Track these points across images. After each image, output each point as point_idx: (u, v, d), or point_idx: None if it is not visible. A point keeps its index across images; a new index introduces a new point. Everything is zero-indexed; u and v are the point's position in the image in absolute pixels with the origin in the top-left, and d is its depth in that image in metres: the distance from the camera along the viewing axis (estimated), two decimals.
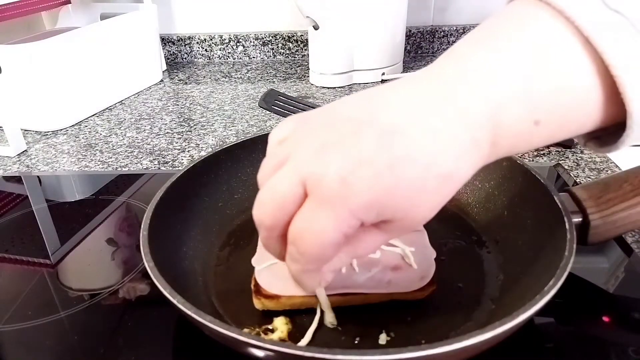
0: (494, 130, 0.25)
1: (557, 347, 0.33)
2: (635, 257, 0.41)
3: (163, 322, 0.36)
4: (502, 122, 0.25)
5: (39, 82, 0.71)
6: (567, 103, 0.25)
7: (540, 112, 0.25)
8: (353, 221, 0.25)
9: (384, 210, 0.25)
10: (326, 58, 0.85)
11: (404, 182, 0.24)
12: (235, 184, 0.49)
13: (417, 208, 0.26)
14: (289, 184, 0.26)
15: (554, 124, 0.26)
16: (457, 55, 0.27)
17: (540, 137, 0.27)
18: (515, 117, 0.25)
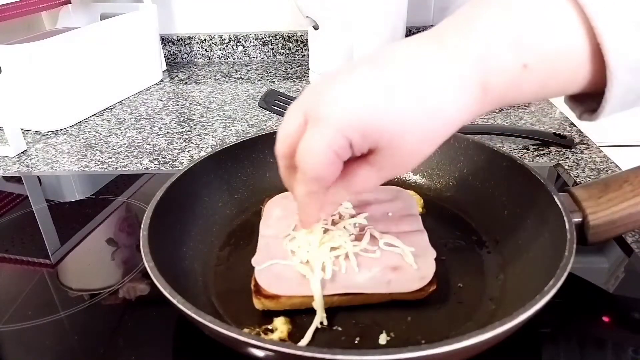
0: (483, 72, 0.27)
1: (557, 347, 0.33)
2: (635, 257, 0.41)
3: (163, 322, 0.36)
4: (491, 63, 0.27)
5: (39, 82, 0.71)
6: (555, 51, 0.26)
7: (528, 56, 0.26)
8: (342, 140, 0.27)
9: (370, 132, 0.27)
10: (326, 58, 0.85)
11: (389, 107, 0.27)
12: (235, 184, 0.49)
13: (403, 136, 0.27)
14: (292, 116, 0.30)
15: (543, 71, 0.27)
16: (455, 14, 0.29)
17: (530, 84, 0.27)
18: (503, 59, 0.26)
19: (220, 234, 0.44)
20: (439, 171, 0.49)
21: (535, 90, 0.28)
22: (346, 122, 0.27)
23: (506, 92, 0.28)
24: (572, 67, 0.26)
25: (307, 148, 0.28)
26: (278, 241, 0.40)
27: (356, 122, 0.27)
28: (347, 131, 0.27)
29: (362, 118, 0.27)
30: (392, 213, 0.42)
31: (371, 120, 0.27)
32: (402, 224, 0.41)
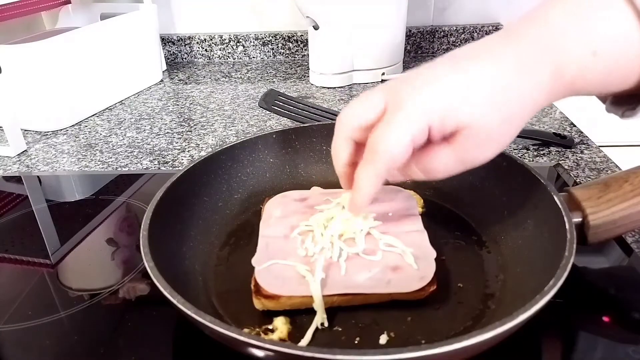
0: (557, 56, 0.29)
1: (557, 347, 0.33)
2: (635, 257, 0.41)
3: (163, 322, 0.36)
4: (564, 49, 0.29)
5: (39, 82, 0.71)
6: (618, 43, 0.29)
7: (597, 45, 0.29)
8: (421, 124, 0.29)
9: (448, 116, 0.29)
10: (326, 58, 0.85)
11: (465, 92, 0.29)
12: (235, 184, 0.49)
13: (480, 118, 0.29)
14: (373, 98, 0.32)
15: (608, 61, 0.29)
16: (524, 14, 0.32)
17: (596, 74, 0.30)
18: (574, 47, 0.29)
19: (220, 234, 0.44)
20: None
21: (600, 80, 0.30)
22: (424, 108, 0.29)
23: (576, 79, 0.30)
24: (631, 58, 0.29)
25: (387, 132, 0.30)
26: (278, 241, 0.40)
27: (434, 107, 0.29)
28: (425, 116, 0.29)
29: (439, 103, 0.29)
30: (392, 213, 0.42)
31: (449, 105, 0.29)
32: (402, 224, 0.41)
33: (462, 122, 0.29)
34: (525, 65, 0.29)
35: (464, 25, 1.00)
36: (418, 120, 0.29)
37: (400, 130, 0.30)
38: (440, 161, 0.32)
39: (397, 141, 0.30)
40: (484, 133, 0.30)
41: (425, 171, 0.33)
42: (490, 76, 0.29)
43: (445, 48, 1.02)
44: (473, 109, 0.29)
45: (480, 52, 0.31)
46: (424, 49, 1.03)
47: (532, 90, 0.30)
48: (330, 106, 0.77)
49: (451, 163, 0.31)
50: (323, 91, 0.85)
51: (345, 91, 0.85)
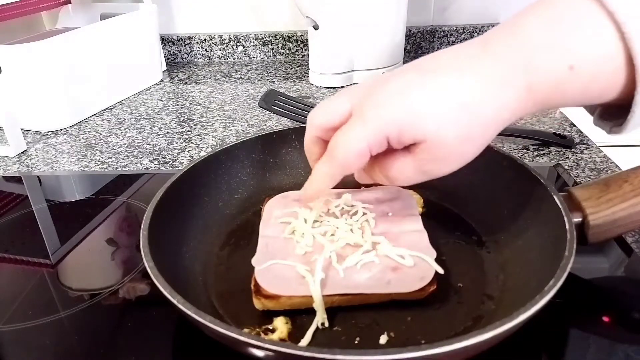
0: (529, 73, 0.28)
1: (557, 347, 0.33)
2: (635, 257, 0.41)
3: (163, 322, 0.36)
4: (537, 64, 0.28)
5: (39, 82, 0.71)
6: (597, 55, 0.28)
7: (574, 58, 0.28)
8: (378, 135, 0.30)
9: (405, 128, 0.29)
10: (326, 58, 0.85)
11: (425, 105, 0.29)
12: (235, 184, 0.49)
13: (441, 131, 0.29)
14: (340, 102, 0.33)
15: (586, 74, 0.28)
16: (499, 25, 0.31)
17: (574, 88, 0.28)
18: (550, 61, 0.28)
19: (220, 234, 0.44)
20: None
21: (578, 94, 0.29)
22: (383, 120, 0.30)
23: (550, 94, 0.29)
24: (610, 71, 0.28)
25: (345, 138, 0.31)
26: (278, 241, 0.40)
27: (393, 119, 0.29)
28: (383, 127, 0.30)
29: (398, 116, 0.29)
30: (392, 213, 0.42)
31: (407, 119, 0.29)
32: (403, 223, 0.41)
33: (419, 137, 0.29)
34: (493, 84, 0.29)
35: (464, 25, 1.00)
36: (375, 131, 0.30)
37: (356, 138, 0.30)
38: (400, 169, 0.32)
39: (353, 148, 0.31)
40: (443, 149, 0.30)
41: (387, 177, 0.33)
42: (454, 93, 0.29)
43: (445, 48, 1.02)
44: (431, 125, 0.29)
45: (449, 64, 0.30)
46: (424, 49, 1.03)
47: (498, 109, 0.29)
48: None
49: (411, 172, 0.32)
50: (323, 91, 0.85)
51: None
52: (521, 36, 0.29)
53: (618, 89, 0.28)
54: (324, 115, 0.34)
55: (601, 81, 0.28)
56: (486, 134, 0.30)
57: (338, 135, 0.32)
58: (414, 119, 0.29)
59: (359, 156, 0.31)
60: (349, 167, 0.32)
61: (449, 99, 0.29)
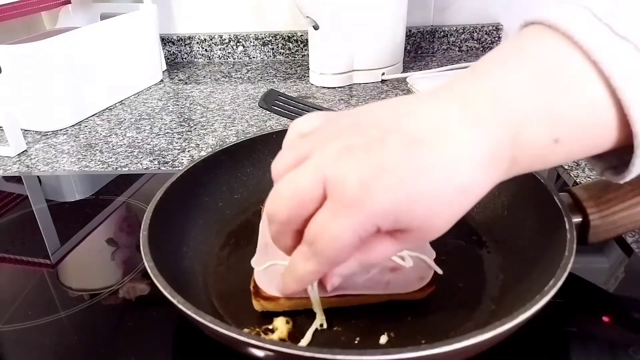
0: (515, 147, 0.26)
1: (557, 347, 0.33)
2: (635, 257, 0.41)
3: (163, 322, 0.36)
4: (524, 139, 0.26)
5: (39, 82, 0.71)
6: (585, 124, 0.26)
7: (560, 131, 0.26)
8: (370, 226, 0.26)
9: (401, 218, 0.26)
10: (326, 58, 0.85)
11: (424, 191, 0.25)
12: (235, 184, 0.49)
13: (434, 219, 0.26)
14: (310, 182, 0.26)
15: (572, 144, 0.26)
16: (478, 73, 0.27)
17: (558, 156, 0.27)
18: (536, 135, 0.26)
19: (220, 234, 0.44)
20: None
21: (561, 160, 0.27)
22: (379, 211, 0.25)
23: (533, 164, 0.27)
24: (599, 135, 0.26)
25: (328, 232, 0.26)
26: None
27: (389, 211, 0.25)
28: (377, 219, 0.25)
29: (394, 206, 0.25)
30: None
31: (403, 208, 0.25)
32: None
33: (415, 225, 0.26)
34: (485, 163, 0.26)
35: (464, 25, 1.00)
36: (366, 221, 0.25)
37: (347, 234, 0.25)
38: (383, 252, 0.28)
39: (343, 245, 0.26)
40: (432, 232, 0.27)
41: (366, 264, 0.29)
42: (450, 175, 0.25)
43: (445, 48, 1.02)
44: (429, 213, 0.26)
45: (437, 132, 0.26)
46: (424, 49, 1.03)
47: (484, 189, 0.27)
48: (330, 106, 0.77)
49: (390, 252, 0.28)
50: (323, 91, 0.85)
51: (345, 91, 0.85)
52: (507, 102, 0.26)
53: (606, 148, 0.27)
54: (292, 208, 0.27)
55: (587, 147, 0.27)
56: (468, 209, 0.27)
57: (321, 229, 0.26)
58: (410, 209, 0.25)
59: (349, 251, 0.26)
60: (337, 264, 0.28)
61: (446, 184, 0.25)
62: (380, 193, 0.25)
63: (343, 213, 0.25)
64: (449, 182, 0.25)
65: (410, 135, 0.26)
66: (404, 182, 0.25)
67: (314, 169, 0.26)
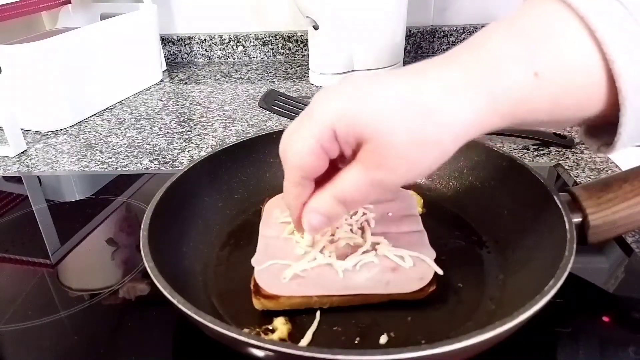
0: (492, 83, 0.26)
1: (557, 347, 0.33)
2: (635, 257, 0.41)
3: (163, 322, 0.36)
4: (500, 72, 0.26)
5: (39, 82, 0.71)
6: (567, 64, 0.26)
7: (539, 65, 0.26)
8: (325, 127, 0.28)
9: (353, 121, 0.27)
10: (326, 58, 0.85)
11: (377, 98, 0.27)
12: (235, 184, 0.49)
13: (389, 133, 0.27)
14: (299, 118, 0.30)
15: (554, 83, 0.26)
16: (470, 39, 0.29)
17: (542, 98, 0.26)
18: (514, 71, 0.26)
19: (220, 234, 0.44)
20: (439, 171, 0.49)
21: (548, 106, 0.27)
22: (330, 112, 0.28)
23: (517, 105, 0.27)
24: (584, 84, 0.26)
25: (293, 138, 0.29)
26: (278, 241, 0.40)
27: (341, 111, 0.28)
28: (330, 119, 0.28)
29: (348, 109, 0.27)
30: (392, 213, 0.42)
31: (357, 112, 0.27)
32: (402, 224, 0.41)
33: (367, 132, 0.27)
34: (453, 90, 0.26)
35: (464, 25, 1.00)
36: (321, 123, 0.28)
37: (305, 137, 0.28)
38: (352, 182, 0.29)
39: (303, 147, 0.28)
40: (391, 150, 0.27)
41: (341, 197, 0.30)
42: (410, 93, 0.27)
43: (445, 48, 1.02)
44: (381, 121, 0.27)
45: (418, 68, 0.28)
46: (424, 49, 1.03)
47: (456, 117, 0.26)
48: None
49: (361, 183, 0.29)
50: None
51: None
52: (487, 46, 0.27)
53: (598, 106, 0.26)
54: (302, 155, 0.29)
55: (571, 95, 0.26)
56: (442, 143, 0.27)
57: (285, 138, 0.30)
58: (365, 113, 0.27)
59: (312, 155, 0.28)
60: (305, 168, 0.29)
61: (405, 98, 0.27)
62: (336, 100, 0.28)
63: (303, 123, 0.29)
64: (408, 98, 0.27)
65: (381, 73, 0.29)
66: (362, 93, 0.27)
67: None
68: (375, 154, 0.27)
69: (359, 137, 0.27)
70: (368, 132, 0.27)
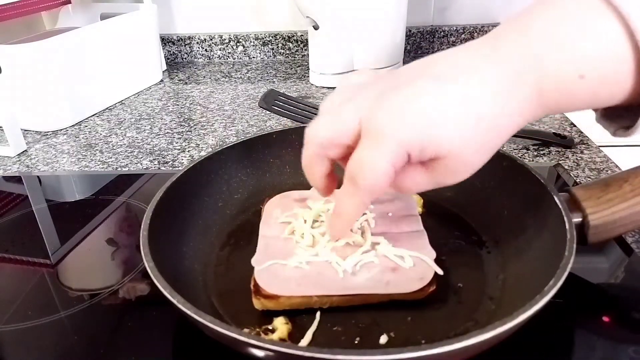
0: (539, 79, 0.28)
1: (557, 347, 0.33)
2: (635, 257, 0.41)
3: (163, 322, 0.36)
4: (548, 70, 0.28)
5: (39, 82, 0.71)
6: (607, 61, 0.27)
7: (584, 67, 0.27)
8: (401, 154, 0.28)
9: (427, 143, 0.28)
10: (326, 58, 0.85)
11: (448, 122, 0.28)
12: (235, 184, 0.49)
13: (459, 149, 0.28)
14: (350, 117, 0.30)
15: (596, 80, 0.28)
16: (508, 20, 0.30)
17: (583, 93, 0.28)
18: (560, 69, 0.28)
19: (220, 234, 0.44)
20: None
21: (587, 99, 0.29)
22: (406, 139, 0.28)
23: (560, 99, 0.29)
24: (621, 76, 0.27)
25: (367, 162, 0.29)
26: (278, 241, 0.40)
27: (416, 138, 0.28)
28: (407, 147, 0.28)
29: (421, 134, 0.28)
30: (392, 213, 0.42)
31: (430, 136, 0.28)
32: (402, 224, 0.41)
33: (442, 153, 0.29)
34: (507, 91, 0.28)
35: (464, 25, 1.00)
36: (397, 150, 0.28)
37: (381, 162, 0.29)
38: (414, 181, 0.31)
39: (378, 171, 0.29)
40: (461, 162, 0.29)
41: (397, 187, 0.32)
42: (473, 105, 0.28)
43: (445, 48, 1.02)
44: (453, 141, 0.28)
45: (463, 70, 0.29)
46: (424, 49, 1.03)
47: (512, 116, 0.29)
48: None
49: (423, 183, 0.31)
50: (323, 91, 0.85)
51: None
52: (530, 37, 0.28)
53: (628, 91, 0.28)
54: (330, 130, 0.31)
55: (610, 87, 0.28)
56: (499, 142, 0.29)
57: (358, 162, 0.30)
58: (436, 136, 0.28)
59: (386, 179, 0.29)
60: (377, 192, 0.30)
61: (468, 113, 0.28)
62: (406, 122, 0.28)
63: (375, 145, 0.29)
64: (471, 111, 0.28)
65: (436, 74, 0.29)
66: (428, 112, 0.28)
67: (354, 107, 0.30)
68: (448, 166, 0.29)
69: (435, 156, 0.29)
70: (443, 152, 0.28)
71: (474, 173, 0.30)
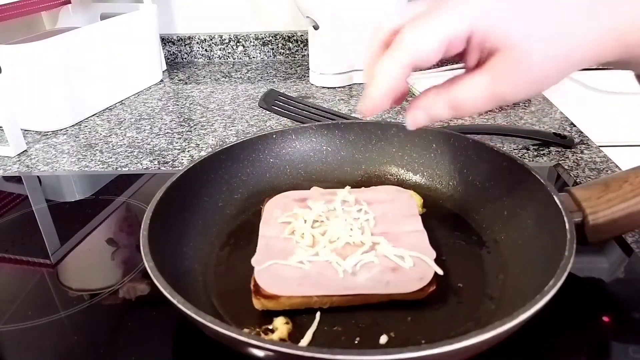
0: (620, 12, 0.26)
1: (557, 347, 0.33)
2: (635, 257, 0.41)
3: (163, 322, 0.36)
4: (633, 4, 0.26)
5: (39, 82, 0.71)
6: None
7: None
8: (463, 29, 0.26)
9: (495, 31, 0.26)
10: (326, 58, 0.85)
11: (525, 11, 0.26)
12: (235, 184, 0.49)
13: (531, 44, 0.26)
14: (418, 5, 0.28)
15: None
16: None
17: None
18: None
19: (220, 234, 0.44)
20: (439, 171, 0.49)
21: None
22: (473, 13, 0.26)
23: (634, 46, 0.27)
24: None
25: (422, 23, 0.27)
26: (278, 241, 0.40)
27: (486, 15, 0.26)
28: (471, 21, 0.26)
29: (491, 13, 0.26)
30: (392, 213, 0.42)
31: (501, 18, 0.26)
32: (402, 224, 0.41)
33: (508, 42, 0.26)
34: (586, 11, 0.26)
35: None
36: (461, 23, 0.26)
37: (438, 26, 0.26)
38: (472, 90, 0.28)
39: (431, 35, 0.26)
40: (525, 63, 0.27)
41: (454, 103, 0.29)
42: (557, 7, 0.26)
43: None
44: (525, 32, 0.26)
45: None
46: None
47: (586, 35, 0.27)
48: (330, 106, 0.77)
49: (482, 94, 0.28)
50: (323, 91, 0.85)
51: (345, 91, 0.85)
52: None
53: None
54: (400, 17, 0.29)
55: None
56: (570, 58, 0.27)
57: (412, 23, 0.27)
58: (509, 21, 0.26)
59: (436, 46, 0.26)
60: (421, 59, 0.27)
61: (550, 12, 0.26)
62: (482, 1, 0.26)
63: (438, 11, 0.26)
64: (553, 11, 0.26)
65: None
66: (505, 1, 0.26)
67: None
68: (509, 66, 0.27)
69: (498, 44, 0.26)
70: (510, 44, 0.26)
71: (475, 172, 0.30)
